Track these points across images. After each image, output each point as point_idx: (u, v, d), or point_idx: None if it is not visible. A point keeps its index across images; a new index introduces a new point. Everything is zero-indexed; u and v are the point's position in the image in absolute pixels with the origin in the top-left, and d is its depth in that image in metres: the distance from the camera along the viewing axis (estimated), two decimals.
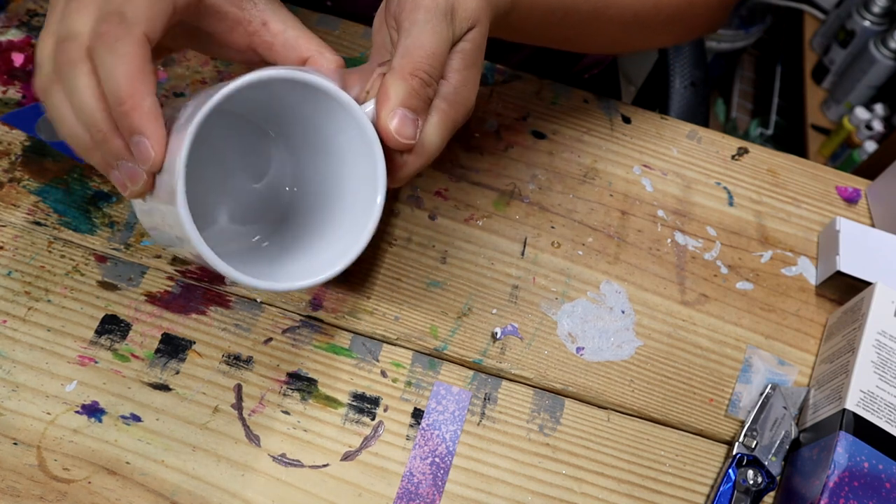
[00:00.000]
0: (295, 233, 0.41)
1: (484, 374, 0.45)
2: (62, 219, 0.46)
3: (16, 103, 0.50)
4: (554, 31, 0.44)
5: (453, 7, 0.34)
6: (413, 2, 0.33)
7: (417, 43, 0.33)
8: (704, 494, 0.43)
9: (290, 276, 0.36)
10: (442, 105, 0.35)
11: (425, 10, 0.33)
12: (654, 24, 0.49)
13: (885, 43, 1.41)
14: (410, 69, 0.33)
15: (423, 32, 0.33)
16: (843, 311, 0.48)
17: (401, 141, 0.33)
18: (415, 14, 0.33)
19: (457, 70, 0.35)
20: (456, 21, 0.34)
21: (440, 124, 0.35)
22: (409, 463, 0.41)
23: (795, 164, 0.57)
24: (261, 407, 0.42)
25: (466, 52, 0.35)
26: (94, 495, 0.38)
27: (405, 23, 0.33)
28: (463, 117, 0.36)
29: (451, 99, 0.35)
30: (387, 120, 0.33)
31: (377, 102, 0.33)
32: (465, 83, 0.35)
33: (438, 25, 0.33)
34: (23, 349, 0.42)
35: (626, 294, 0.49)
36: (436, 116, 0.35)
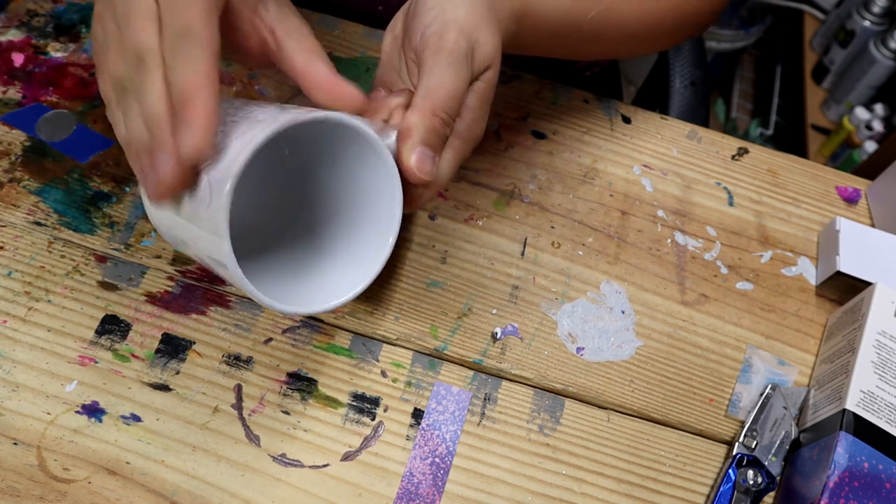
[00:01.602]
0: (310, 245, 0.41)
1: (484, 374, 0.45)
2: (62, 219, 0.46)
3: (16, 103, 0.50)
4: (556, 47, 0.46)
5: (474, 45, 0.36)
6: (437, 43, 0.35)
7: (440, 84, 0.35)
8: (704, 494, 0.43)
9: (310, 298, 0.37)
10: (455, 142, 0.37)
11: (448, 53, 0.35)
12: (650, 37, 0.50)
13: (885, 43, 1.41)
14: (432, 109, 0.34)
15: (446, 74, 0.35)
16: (843, 311, 0.48)
17: (420, 177, 0.35)
18: (438, 55, 0.35)
19: (471, 108, 0.37)
20: (475, 63, 0.36)
21: (452, 159, 0.37)
22: (409, 463, 0.42)
23: (795, 164, 0.57)
24: (261, 407, 0.42)
25: (481, 92, 0.37)
26: (94, 495, 0.38)
27: (428, 62, 0.35)
28: (472, 150, 0.38)
29: (464, 136, 0.37)
30: (408, 156, 0.35)
31: (399, 138, 0.35)
32: (478, 119, 0.38)
33: (460, 68, 0.35)
34: (23, 349, 0.42)
35: (626, 294, 0.49)
36: (450, 153, 0.37)
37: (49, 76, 0.51)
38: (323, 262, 0.40)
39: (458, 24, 0.35)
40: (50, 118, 0.49)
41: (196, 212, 0.32)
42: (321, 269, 0.39)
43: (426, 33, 0.36)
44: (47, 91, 0.50)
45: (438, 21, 0.36)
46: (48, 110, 0.50)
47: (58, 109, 0.50)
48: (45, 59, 0.52)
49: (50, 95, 0.50)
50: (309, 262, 0.40)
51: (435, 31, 0.35)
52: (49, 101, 0.50)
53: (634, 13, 0.47)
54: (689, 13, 0.51)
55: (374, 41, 0.57)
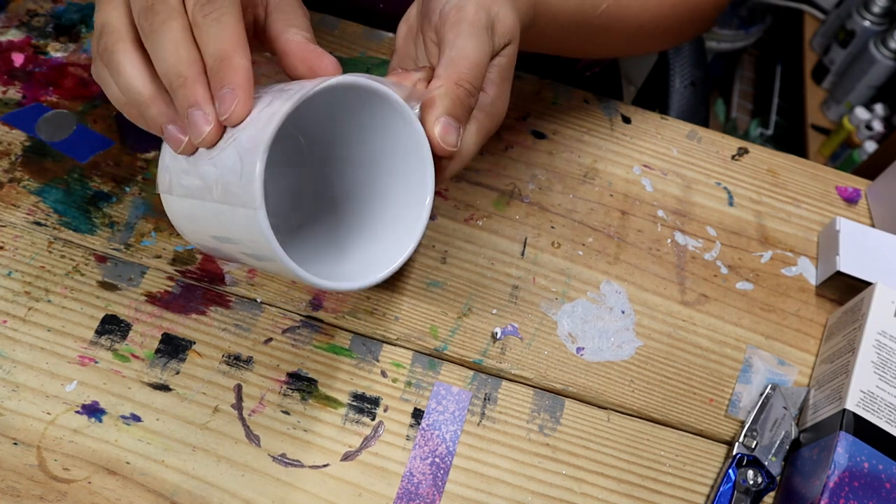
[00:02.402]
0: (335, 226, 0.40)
1: (484, 374, 0.45)
2: (62, 219, 0.46)
3: (16, 103, 0.50)
4: (566, 43, 0.47)
5: (494, 20, 0.36)
6: (457, 15, 0.35)
7: (462, 54, 0.34)
8: (704, 494, 0.43)
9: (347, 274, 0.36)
10: (479, 115, 0.37)
11: (469, 24, 0.35)
12: (656, 32, 0.51)
13: (885, 43, 1.41)
14: (456, 79, 0.34)
15: (468, 45, 0.34)
16: (843, 311, 0.48)
17: (444, 147, 0.35)
18: (459, 27, 0.35)
19: (494, 83, 0.37)
20: (495, 37, 0.36)
21: (477, 133, 0.37)
22: (409, 463, 0.42)
23: (795, 164, 0.57)
24: (261, 407, 0.42)
25: (503, 67, 0.37)
26: (94, 495, 0.38)
27: (449, 34, 0.35)
28: (495, 127, 0.38)
29: (487, 110, 0.37)
30: (432, 126, 0.34)
31: (423, 109, 0.35)
32: (501, 96, 0.37)
33: (481, 39, 0.35)
34: (23, 349, 0.42)
35: (626, 294, 0.49)
36: (474, 125, 0.37)
37: (49, 76, 0.51)
38: (355, 240, 0.39)
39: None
40: (50, 118, 0.49)
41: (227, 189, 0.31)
42: (354, 247, 0.39)
43: (445, 9, 0.36)
44: (47, 91, 0.50)
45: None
46: (48, 110, 0.50)
47: (58, 109, 0.50)
48: (45, 59, 0.52)
49: (50, 95, 0.50)
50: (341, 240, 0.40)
51: (454, 4, 0.35)
52: (49, 101, 0.50)
53: (641, 8, 0.48)
54: (692, 9, 0.51)
55: (374, 41, 0.57)
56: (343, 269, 0.37)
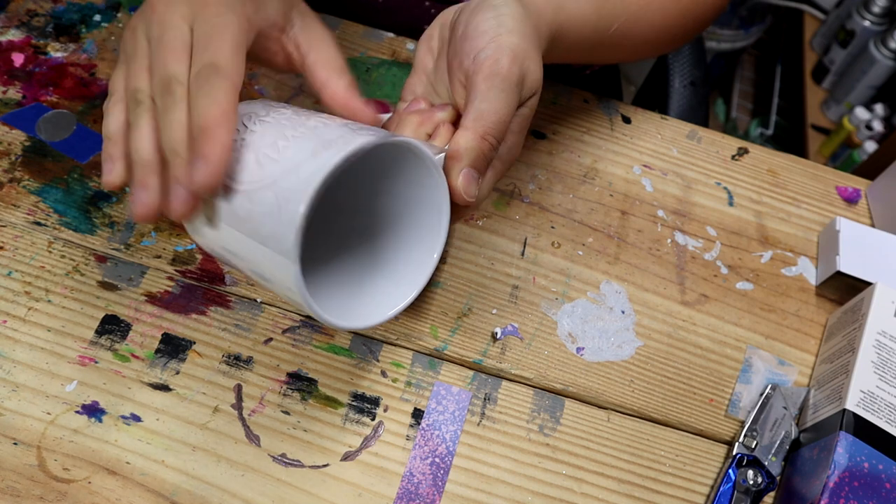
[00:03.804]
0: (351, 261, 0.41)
1: (484, 374, 0.45)
2: (62, 219, 0.46)
3: (16, 103, 0.50)
4: (580, 59, 0.48)
5: (524, 73, 0.37)
6: (491, 68, 0.36)
7: (492, 109, 0.36)
8: (704, 494, 0.43)
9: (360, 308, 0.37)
10: (497, 164, 0.38)
11: (503, 79, 0.36)
12: (660, 43, 0.52)
13: (885, 43, 1.41)
14: (483, 133, 0.35)
15: (499, 100, 0.36)
16: (843, 311, 0.48)
17: (465, 198, 0.36)
18: (492, 80, 0.36)
19: (514, 132, 0.38)
20: (524, 90, 0.37)
21: (493, 179, 0.39)
22: (409, 463, 0.42)
23: (795, 164, 0.57)
24: (261, 407, 0.42)
25: (524, 117, 0.38)
26: (94, 495, 0.38)
27: (481, 85, 0.36)
28: (508, 169, 0.40)
29: (504, 158, 0.39)
30: (455, 177, 0.36)
31: (448, 158, 0.36)
32: (517, 144, 0.39)
33: (511, 94, 0.36)
34: (23, 349, 0.42)
35: (626, 294, 0.49)
36: (491, 173, 0.38)
37: (49, 76, 0.51)
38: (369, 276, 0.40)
39: (513, 51, 0.36)
40: (50, 118, 0.49)
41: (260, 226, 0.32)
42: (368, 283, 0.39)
43: (479, 57, 0.36)
44: (47, 91, 0.50)
45: (493, 46, 0.36)
46: (48, 110, 0.50)
47: (58, 109, 0.50)
48: (45, 59, 0.52)
49: (50, 95, 0.50)
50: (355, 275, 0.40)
51: (490, 55, 0.36)
52: (49, 101, 0.50)
53: (652, 20, 0.49)
54: (695, 18, 0.52)
55: (374, 41, 0.57)
56: (356, 304, 0.38)
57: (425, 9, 0.61)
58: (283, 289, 0.33)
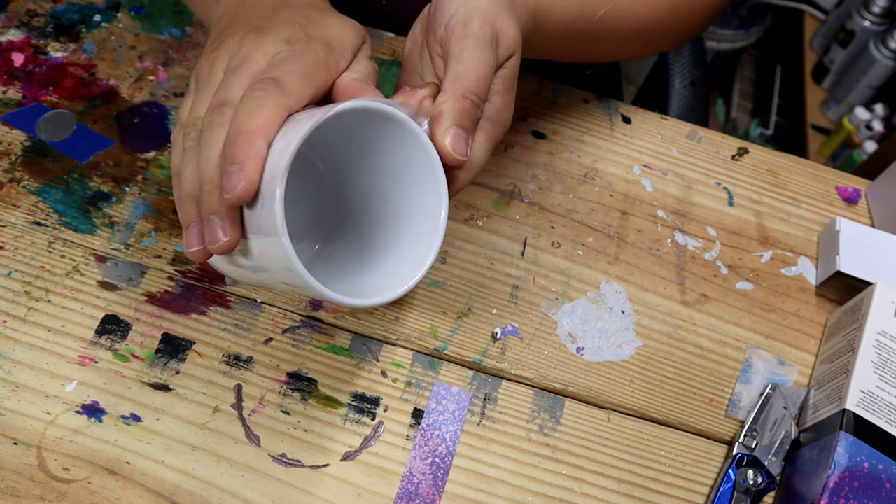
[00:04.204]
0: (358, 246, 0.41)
1: (484, 374, 0.45)
2: (62, 219, 0.46)
3: (16, 103, 0.50)
4: (566, 49, 0.48)
5: (498, 33, 0.37)
6: (462, 30, 0.36)
7: (468, 68, 0.35)
8: (704, 494, 0.43)
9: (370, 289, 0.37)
10: (487, 125, 0.38)
11: (474, 38, 0.36)
12: (653, 36, 0.51)
13: (885, 43, 1.41)
14: (462, 91, 0.35)
15: (473, 59, 0.36)
16: (843, 311, 0.48)
17: (455, 157, 0.35)
18: (464, 41, 0.36)
19: (498, 93, 0.38)
20: (500, 49, 0.37)
21: (486, 142, 0.38)
22: (409, 463, 0.42)
23: (795, 164, 0.57)
24: (261, 407, 0.42)
25: (507, 78, 0.38)
26: (94, 495, 0.38)
27: (455, 48, 0.36)
28: (502, 135, 0.39)
29: (494, 119, 0.38)
30: (442, 138, 0.35)
31: (432, 123, 0.35)
32: (506, 105, 0.39)
33: (486, 52, 0.36)
34: (23, 349, 0.42)
35: (626, 294, 0.49)
36: (482, 135, 0.38)
37: (49, 76, 0.51)
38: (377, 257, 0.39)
39: (482, 12, 0.36)
40: (50, 118, 0.49)
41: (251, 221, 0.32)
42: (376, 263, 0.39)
43: (450, 23, 0.37)
44: (47, 91, 0.50)
45: (462, 10, 0.37)
46: (48, 110, 0.50)
47: (58, 109, 0.50)
48: (45, 59, 0.52)
49: (50, 95, 0.50)
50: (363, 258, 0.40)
51: (459, 19, 0.36)
52: (49, 101, 0.50)
53: (636, 14, 0.48)
54: (688, 13, 0.52)
55: (375, 41, 0.57)
56: (366, 285, 0.38)
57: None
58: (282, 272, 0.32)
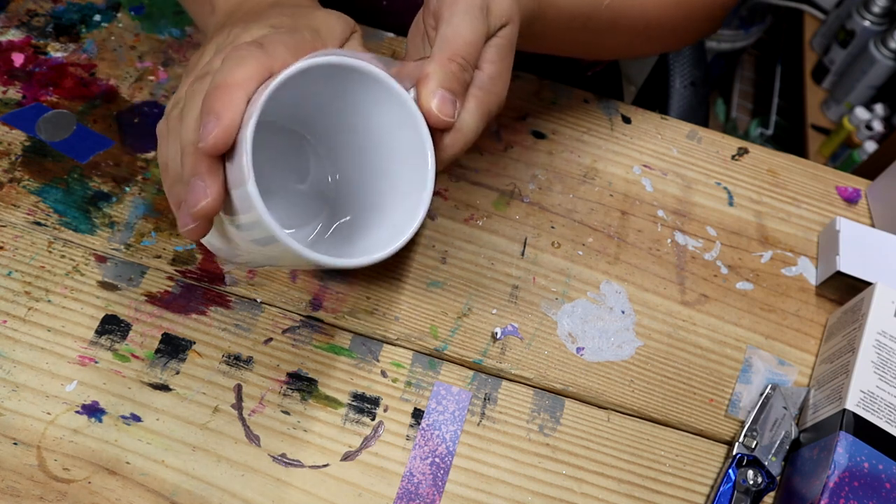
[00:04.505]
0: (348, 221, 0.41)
1: (484, 374, 0.45)
2: (62, 219, 0.46)
3: (16, 103, 0.50)
4: (573, 38, 0.47)
5: (488, 4, 0.36)
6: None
7: (456, 32, 0.35)
8: (704, 494, 0.43)
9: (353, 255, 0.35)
10: (478, 92, 0.37)
11: (464, 4, 0.36)
12: (663, 31, 0.51)
13: (885, 43, 1.41)
14: (449, 55, 0.35)
15: (462, 23, 0.35)
16: (843, 311, 0.48)
17: (442, 118, 0.35)
18: (454, 7, 0.36)
19: (491, 62, 0.37)
20: (491, 17, 0.37)
21: (477, 109, 0.37)
22: (409, 463, 0.41)
23: (795, 164, 0.57)
24: (261, 407, 0.42)
25: (500, 47, 0.37)
26: (94, 495, 0.38)
27: (445, 14, 0.36)
28: (496, 107, 0.38)
29: (486, 87, 0.37)
30: (428, 99, 0.34)
31: (418, 86, 0.35)
32: (500, 74, 0.38)
33: (475, 18, 0.36)
34: (23, 349, 0.42)
35: (626, 294, 0.49)
36: (472, 102, 0.37)
37: (49, 76, 0.51)
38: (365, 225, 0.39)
39: None
40: (50, 118, 0.49)
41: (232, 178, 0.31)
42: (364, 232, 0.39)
43: None
44: (47, 91, 0.50)
45: None
46: (48, 110, 0.50)
47: (58, 109, 0.50)
48: (45, 59, 0.52)
49: (50, 95, 0.50)
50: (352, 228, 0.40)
51: None
52: (49, 101, 0.50)
53: (646, 5, 0.48)
54: (698, 7, 0.51)
55: (375, 41, 0.57)
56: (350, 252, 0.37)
57: None
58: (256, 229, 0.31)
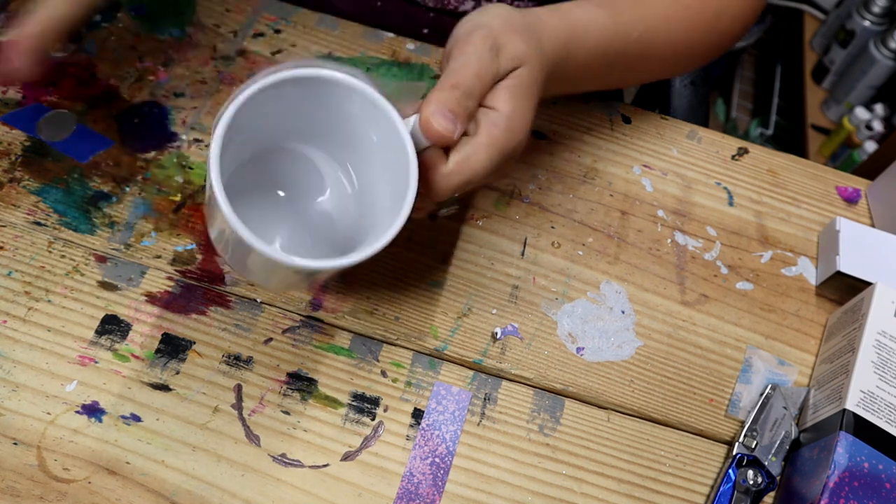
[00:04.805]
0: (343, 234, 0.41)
1: (484, 374, 0.45)
2: (62, 219, 0.46)
3: (16, 103, 0.50)
4: (605, 74, 0.47)
5: (500, 45, 0.37)
6: (465, 39, 0.37)
7: (461, 64, 0.36)
8: (704, 494, 0.43)
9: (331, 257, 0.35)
10: (492, 129, 0.36)
11: (473, 44, 0.36)
12: (690, 55, 0.51)
13: (885, 43, 1.41)
14: (452, 82, 0.35)
15: (469, 57, 0.36)
16: (843, 311, 0.48)
17: (438, 130, 0.34)
18: (464, 47, 0.36)
19: (504, 101, 0.37)
20: (501, 58, 0.37)
21: (489, 145, 0.36)
22: (409, 463, 0.42)
23: (795, 164, 0.57)
24: (261, 407, 0.42)
25: (512, 87, 0.37)
26: (94, 495, 0.38)
27: (455, 53, 0.36)
28: (512, 149, 0.37)
29: (501, 125, 0.36)
30: (427, 114, 0.34)
31: (420, 110, 0.34)
32: (514, 113, 0.37)
33: (482, 55, 0.36)
34: (23, 349, 0.42)
35: (626, 294, 0.49)
36: (484, 136, 0.36)
37: (49, 76, 0.51)
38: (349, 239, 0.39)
39: (487, 26, 0.37)
40: (50, 118, 0.49)
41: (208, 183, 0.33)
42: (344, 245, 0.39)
43: (456, 35, 0.37)
44: (47, 91, 0.50)
45: (469, 25, 0.38)
46: (48, 110, 0.50)
47: (58, 109, 0.50)
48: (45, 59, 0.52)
49: (50, 95, 0.50)
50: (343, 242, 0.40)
51: (465, 31, 0.37)
52: (49, 101, 0.50)
53: (673, 34, 0.48)
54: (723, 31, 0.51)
55: (374, 41, 0.57)
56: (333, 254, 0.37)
57: (421, 11, 0.61)
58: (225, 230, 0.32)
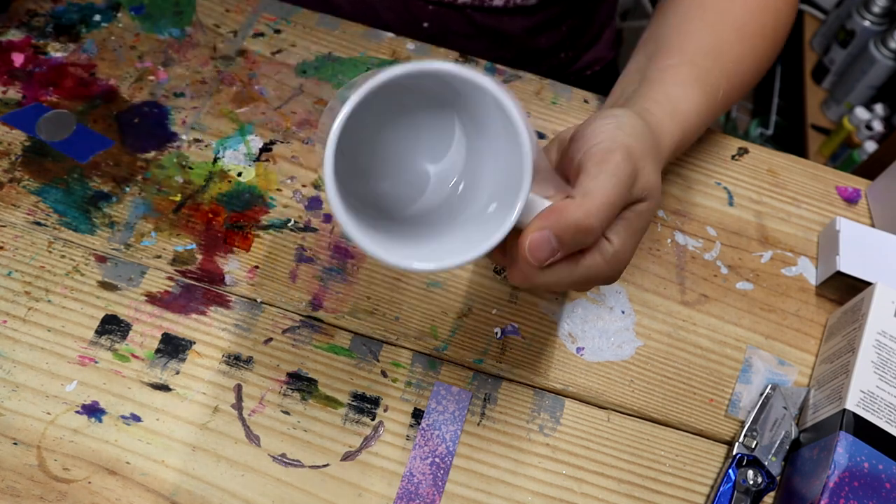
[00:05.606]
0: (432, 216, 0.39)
1: (484, 374, 0.45)
2: (62, 219, 0.46)
3: (16, 103, 0.50)
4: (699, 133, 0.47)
5: (636, 175, 0.35)
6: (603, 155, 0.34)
7: (600, 188, 0.33)
8: (704, 494, 0.43)
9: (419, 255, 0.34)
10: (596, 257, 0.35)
11: (614, 165, 0.34)
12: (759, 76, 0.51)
13: (885, 43, 1.41)
14: (587, 210, 0.32)
15: (608, 182, 0.33)
16: (843, 311, 0.48)
17: (527, 256, 0.33)
18: (603, 165, 0.34)
19: (618, 234, 0.35)
20: (634, 188, 0.35)
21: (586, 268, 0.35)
22: (409, 463, 0.42)
23: (795, 164, 0.57)
24: (261, 407, 0.42)
25: (631, 221, 0.35)
26: (94, 495, 0.38)
27: (592, 169, 0.34)
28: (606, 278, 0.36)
29: (606, 257, 0.35)
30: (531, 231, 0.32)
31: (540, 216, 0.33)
32: (625, 246, 0.35)
33: (621, 183, 0.34)
34: (23, 349, 0.42)
35: (626, 294, 0.49)
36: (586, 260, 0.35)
37: (49, 76, 0.51)
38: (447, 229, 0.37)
39: (628, 148, 0.35)
40: (50, 118, 0.49)
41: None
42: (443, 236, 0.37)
43: (592, 150, 0.35)
44: (47, 91, 0.50)
45: (608, 141, 0.35)
46: (48, 110, 0.50)
47: (58, 109, 0.50)
48: (45, 59, 0.52)
49: (50, 95, 0.50)
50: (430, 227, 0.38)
51: (604, 147, 0.34)
52: (49, 101, 0.50)
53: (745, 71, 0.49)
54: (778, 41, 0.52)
55: (374, 41, 0.57)
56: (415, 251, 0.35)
57: (421, 5, 0.61)
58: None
